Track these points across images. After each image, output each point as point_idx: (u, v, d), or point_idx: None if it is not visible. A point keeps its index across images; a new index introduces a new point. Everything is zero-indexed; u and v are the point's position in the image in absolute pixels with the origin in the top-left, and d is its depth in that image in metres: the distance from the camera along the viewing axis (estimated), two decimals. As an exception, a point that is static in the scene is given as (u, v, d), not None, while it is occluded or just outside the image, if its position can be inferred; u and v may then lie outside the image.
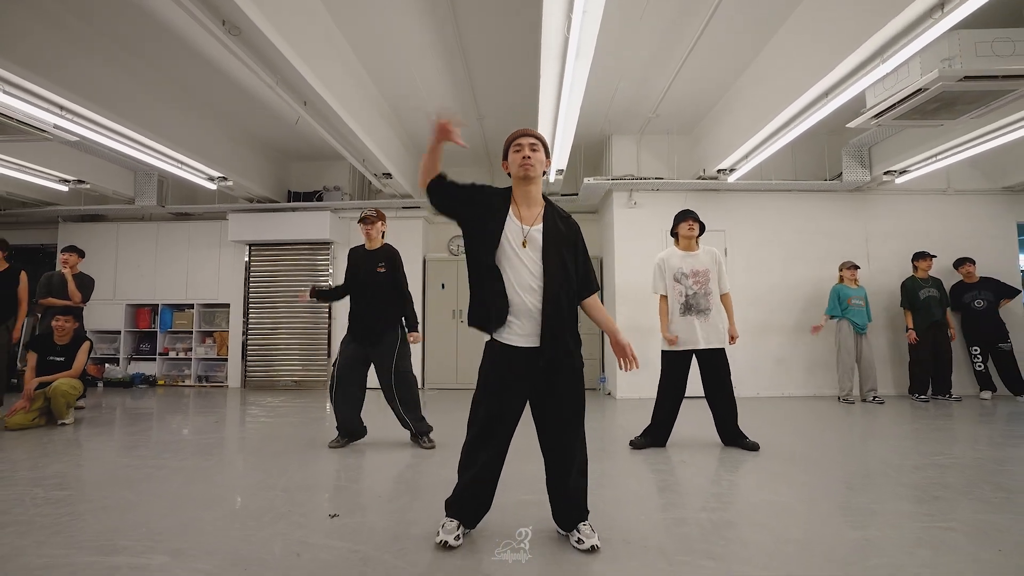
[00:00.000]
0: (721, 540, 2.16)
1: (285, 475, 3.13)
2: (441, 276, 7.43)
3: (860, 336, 5.92)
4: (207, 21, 2.88)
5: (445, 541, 2.03)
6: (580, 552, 2.02)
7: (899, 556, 1.99)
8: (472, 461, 2.14)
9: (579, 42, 3.09)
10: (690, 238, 3.84)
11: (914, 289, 6.06)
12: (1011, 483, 2.89)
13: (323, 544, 2.12)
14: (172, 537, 2.18)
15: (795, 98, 4.13)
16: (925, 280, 6.07)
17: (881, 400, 5.78)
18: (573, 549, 2.04)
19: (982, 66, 3.51)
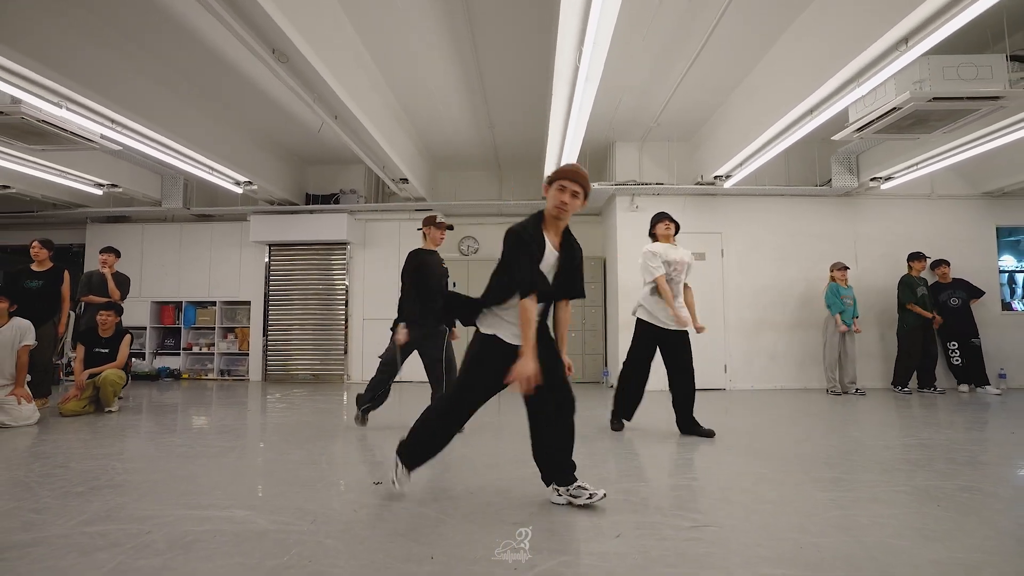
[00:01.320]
0: (707, 500, 2.56)
1: (325, 453, 3.53)
2: (452, 275, 7.79)
3: (848, 332, 6.32)
4: (260, 50, 3.26)
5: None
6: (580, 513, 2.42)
7: (855, 510, 2.39)
8: (447, 435, 2.51)
9: (588, 68, 3.48)
10: (667, 236, 4.22)
11: (914, 286, 6.46)
12: (963, 458, 3.30)
13: (376, 503, 2.52)
14: (244, 497, 2.58)
15: (783, 114, 4.52)
16: (919, 279, 6.48)
17: (863, 392, 6.19)
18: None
19: (949, 89, 3.91)
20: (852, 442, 3.81)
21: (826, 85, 3.96)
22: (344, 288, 7.84)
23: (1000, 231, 7.18)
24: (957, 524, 2.24)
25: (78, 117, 4.36)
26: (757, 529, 2.19)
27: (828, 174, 6.72)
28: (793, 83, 4.40)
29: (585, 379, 7.53)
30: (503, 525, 2.22)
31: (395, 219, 7.90)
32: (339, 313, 7.82)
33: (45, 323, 5.17)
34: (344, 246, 7.84)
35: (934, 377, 6.37)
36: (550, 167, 5.81)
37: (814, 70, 4.07)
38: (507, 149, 7.22)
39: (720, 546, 2.02)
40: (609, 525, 2.24)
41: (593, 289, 7.64)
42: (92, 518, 2.28)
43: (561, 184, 2.31)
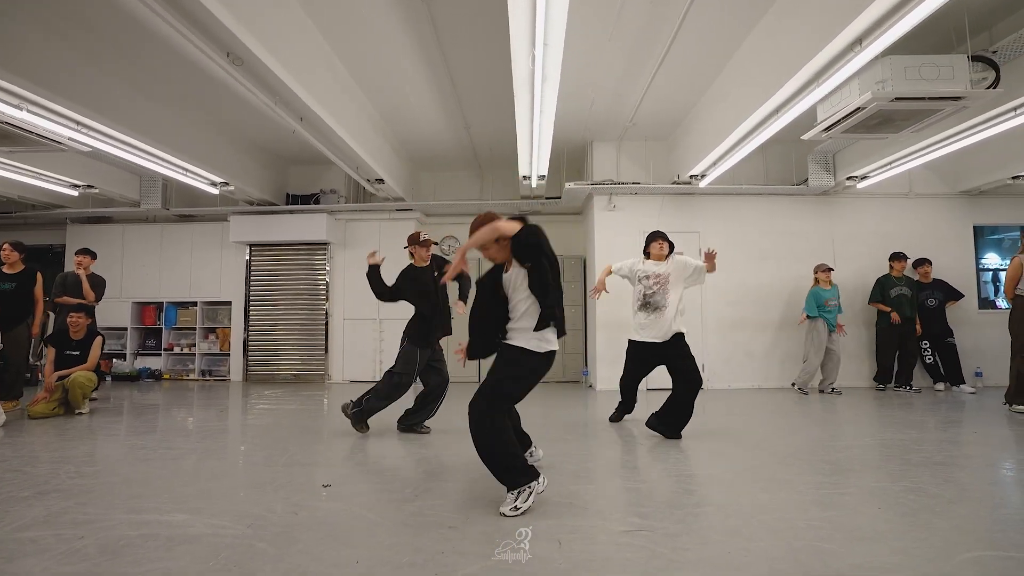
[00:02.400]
0: (651, 504, 2.57)
1: (286, 455, 3.54)
2: (432, 275, 7.81)
3: (832, 333, 6.33)
4: (213, 54, 3.26)
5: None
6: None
7: (792, 512, 2.40)
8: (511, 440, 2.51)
9: (544, 69, 3.48)
10: (660, 256, 4.26)
11: (887, 286, 6.50)
12: (917, 459, 3.31)
13: (318, 506, 2.53)
14: (190, 500, 2.59)
15: (752, 111, 4.52)
16: (899, 279, 6.50)
17: (839, 392, 6.20)
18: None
19: (910, 89, 3.90)
20: (812, 442, 3.83)
21: (789, 84, 3.96)
22: (325, 288, 7.83)
23: (983, 229, 7.20)
24: (891, 526, 2.26)
25: (41, 120, 4.34)
26: (690, 533, 2.20)
27: (805, 173, 6.72)
28: (760, 83, 4.39)
29: (565, 378, 7.54)
30: (438, 529, 2.23)
31: (375, 219, 7.90)
32: (320, 313, 7.82)
33: (19, 325, 5.18)
34: (324, 246, 7.84)
35: (911, 376, 6.39)
36: (524, 167, 5.81)
37: (778, 70, 4.07)
38: (485, 149, 7.21)
39: (645, 551, 2.03)
40: (547, 529, 2.24)
41: (573, 288, 7.65)
42: (29, 523, 2.28)
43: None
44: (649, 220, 6.87)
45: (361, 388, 7.02)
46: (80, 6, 3.85)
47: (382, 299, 4.37)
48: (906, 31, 3.12)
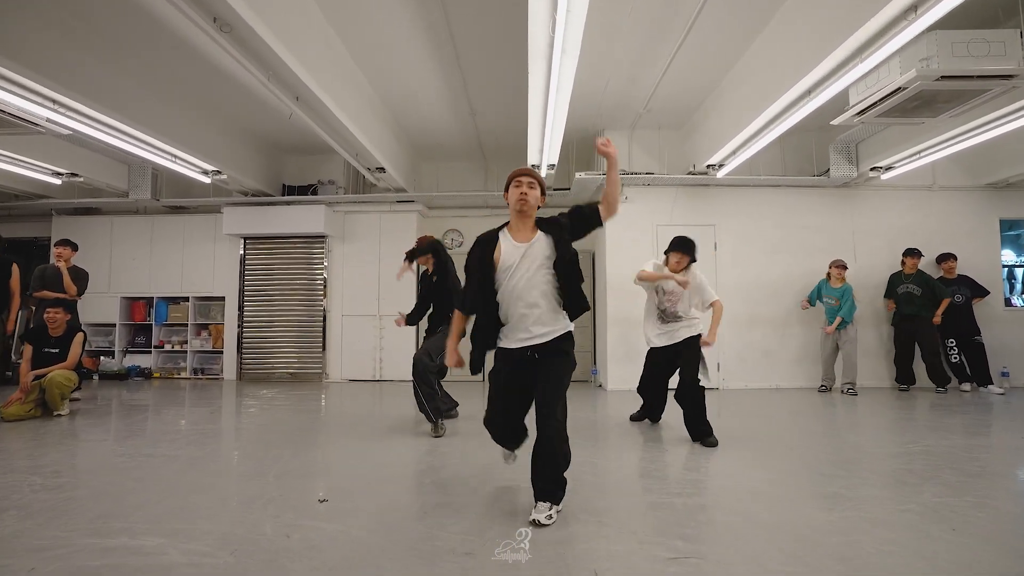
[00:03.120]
0: (692, 522, 2.26)
1: (278, 463, 3.22)
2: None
3: (841, 331, 6.02)
4: (198, 19, 2.93)
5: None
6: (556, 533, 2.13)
7: (857, 535, 2.09)
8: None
9: (564, 41, 3.16)
10: (677, 270, 3.96)
11: (894, 284, 6.22)
12: (972, 468, 3.01)
13: (312, 526, 2.22)
14: (167, 520, 2.27)
15: (779, 95, 4.21)
16: (908, 276, 6.19)
17: (855, 392, 5.90)
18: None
19: (958, 66, 3.60)
20: (851, 449, 3.53)
21: (825, 62, 3.64)
22: (322, 283, 7.51)
23: (1003, 224, 6.91)
24: (974, 553, 1.95)
25: (16, 99, 4.00)
26: (746, 561, 1.89)
27: (826, 164, 6.41)
28: (789, 63, 4.08)
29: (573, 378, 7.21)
30: (453, 557, 1.92)
31: (375, 211, 7.57)
32: (317, 309, 7.49)
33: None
34: (322, 239, 7.51)
35: (943, 375, 6.07)
36: (534, 154, 5.49)
37: (813, 47, 3.75)
38: (491, 138, 6.88)
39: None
40: (581, 555, 1.94)
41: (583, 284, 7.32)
42: (-24, 550, 1.96)
43: (516, 181, 2.43)
44: (662, 213, 6.57)
45: (360, 387, 6.75)
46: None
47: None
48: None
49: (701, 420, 3.74)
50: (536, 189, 2.41)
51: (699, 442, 3.68)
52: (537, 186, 2.43)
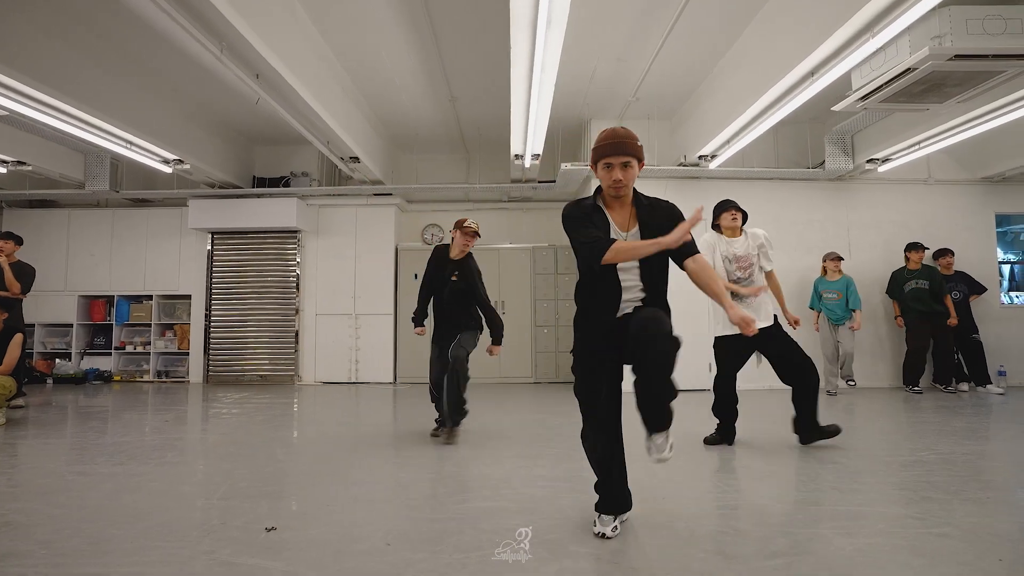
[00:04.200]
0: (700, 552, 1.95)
1: (228, 482, 2.85)
2: (414, 266, 7.13)
3: (837, 327, 5.81)
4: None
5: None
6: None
7: (893, 568, 1.80)
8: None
9: (550, 9, 2.84)
10: (734, 228, 3.65)
11: (899, 281, 5.98)
12: (998, 480, 2.75)
13: (251, 565, 1.86)
14: (74, 561, 1.89)
15: (780, 78, 3.95)
16: (914, 271, 5.96)
17: (854, 383, 5.69)
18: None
19: (973, 44, 3.36)
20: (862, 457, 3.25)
21: (832, 38, 3.38)
22: (295, 280, 7.11)
23: (999, 219, 6.76)
24: (1030, 590, 1.67)
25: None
26: (767, 606, 1.58)
27: (820, 156, 6.18)
28: (790, 43, 3.81)
29: (560, 379, 6.91)
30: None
31: (351, 204, 7.19)
32: (290, 308, 7.09)
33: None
34: (295, 234, 7.11)
35: (950, 375, 5.87)
36: (517, 143, 5.17)
37: (817, 24, 3.48)
38: (472, 127, 6.55)
39: None
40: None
41: (567, 281, 7.02)
42: None
43: (605, 162, 2.02)
44: (652, 206, 6.29)
45: (334, 390, 6.38)
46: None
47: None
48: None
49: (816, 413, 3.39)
50: (633, 167, 2.02)
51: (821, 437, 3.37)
52: (635, 163, 2.03)
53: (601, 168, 2.05)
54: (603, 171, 2.04)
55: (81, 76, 4.37)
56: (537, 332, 6.99)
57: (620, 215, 2.09)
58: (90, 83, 4.47)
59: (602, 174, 2.05)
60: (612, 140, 2.01)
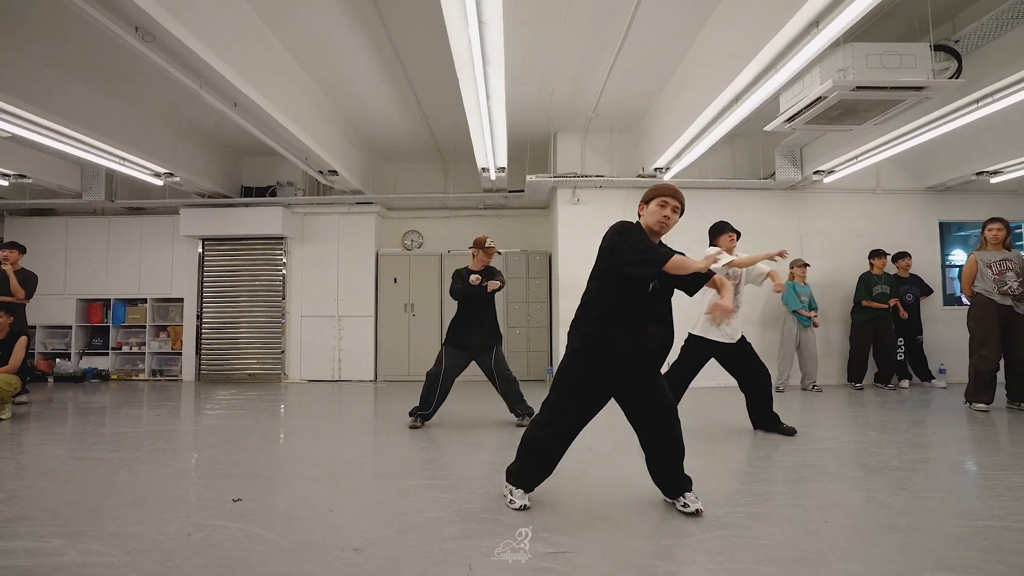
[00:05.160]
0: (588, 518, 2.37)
1: (207, 464, 3.28)
2: (394, 271, 7.55)
3: (805, 330, 6.22)
4: (118, 30, 2.96)
5: None
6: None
7: (736, 528, 2.22)
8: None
9: (485, 51, 3.25)
10: (731, 249, 4.03)
11: (869, 284, 6.35)
12: (875, 463, 3.18)
13: (218, 525, 2.29)
14: (75, 522, 2.32)
15: (710, 102, 4.35)
16: (879, 276, 6.37)
17: (820, 389, 6.12)
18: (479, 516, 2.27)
19: (872, 77, 3.76)
20: (767, 445, 3.67)
21: (747, 70, 3.78)
22: (282, 284, 7.52)
23: (951, 226, 7.18)
24: (835, 543, 2.09)
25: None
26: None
27: (772, 167, 6.60)
28: (719, 69, 4.22)
29: (529, 377, 7.33)
30: (341, 553, 2.01)
31: (334, 213, 7.60)
32: (276, 311, 7.50)
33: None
34: (281, 240, 7.52)
35: (892, 373, 6.30)
36: (480, 158, 5.58)
37: (737, 55, 3.89)
38: (447, 139, 6.95)
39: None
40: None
41: (538, 285, 7.44)
42: None
43: (662, 200, 2.34)
44: (614, 215, 6.60)
45: (320, 388, 6.80)
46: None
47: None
48: (863, 12, 2.96)
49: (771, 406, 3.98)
50: (678, 213, 2.36)
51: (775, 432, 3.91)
52: (680, 211, 2.37)
53: (656, 204, 2.35)
54: (656, 206, 2.34)
55: (78, 100, 4.77)
56: (510, 333, 7.39)
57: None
58: (87, 107, 4.87)
59: (654, 208, 2.35)
60: (672, 187, 2.39)
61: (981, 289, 4.90)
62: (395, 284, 7.53)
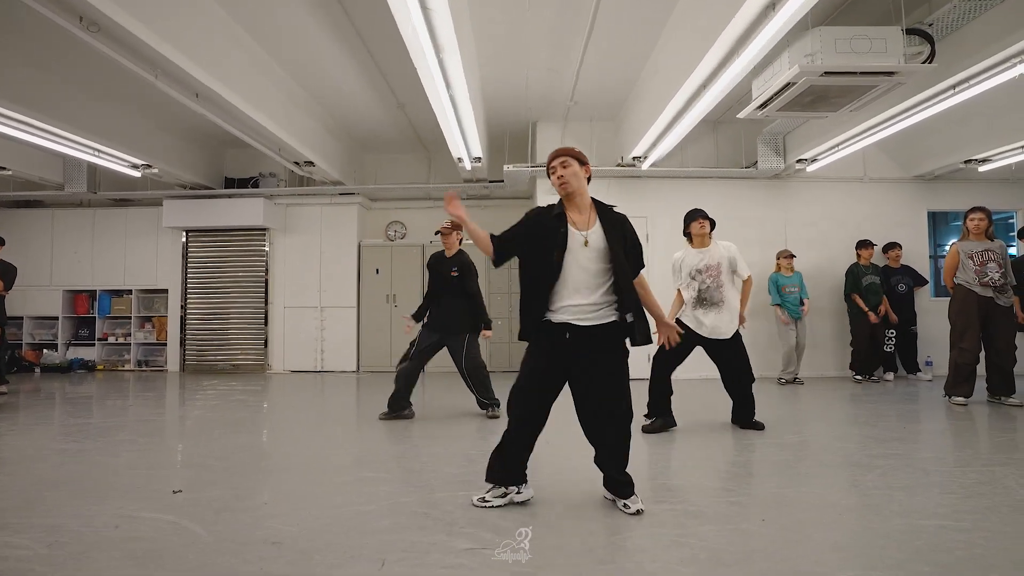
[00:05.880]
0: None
1: (163, 454, 3.28)
2: (376, 261, 7.52)
3: (796, 321, 6.13)
4: (61, 20, 2.93)
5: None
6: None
7: (667, 526, 2.19)
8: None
9: (436, 38, 3.19)
10: (703, 235, 3.90)
11: (858, 276, 6.22)
12: (834, 459, 3.12)
13: (148, 518, 2.28)
14: (8, 513, 2.32)
15: (679, 88, 4.26)
16: (867, 267, 6.24)
17: (801, 382, 6.05)
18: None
19: (841, 62, 3.66)
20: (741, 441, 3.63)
21: (710, 55, 3.69)
22: (264, 275, 7.52)
23: (946, 216, 7.06)
24: (764, 543, 2.05)
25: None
26: (537, 548, 1.97)
27: (755, 156, 6.49)
28: (686, 55, 4.13)
29: (511, 368, 7.30)
30: (258, 547, 2.00)
31: (317, 204, 7.57)
32: (259, 301, 7.51)
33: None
34: (263, 232, 7.51)
35: (878, 365, 6.23)
36: (454, 148, 5.53)
37: (701, 39, 3.80)
38: (427, 130, 6.86)
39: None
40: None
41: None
42: None
43: (551, 167, 2.40)
44: (597, 205, 6.62)
45: (302, 378, 6.81)
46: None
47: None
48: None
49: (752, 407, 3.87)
50: (571, 166, 2.35)
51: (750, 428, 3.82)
52: (572, 160, 2.37)
53: (551, 176, 2.41)
54: (552, 178, 2.40)
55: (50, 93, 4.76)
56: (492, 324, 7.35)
57: (580, 217, 2.39)
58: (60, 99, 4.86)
59: (552, 180, 2.41)
60: (554, 152, 2.42)
61: (962, 280, 4.79)
62: (377, 275, 7.51)
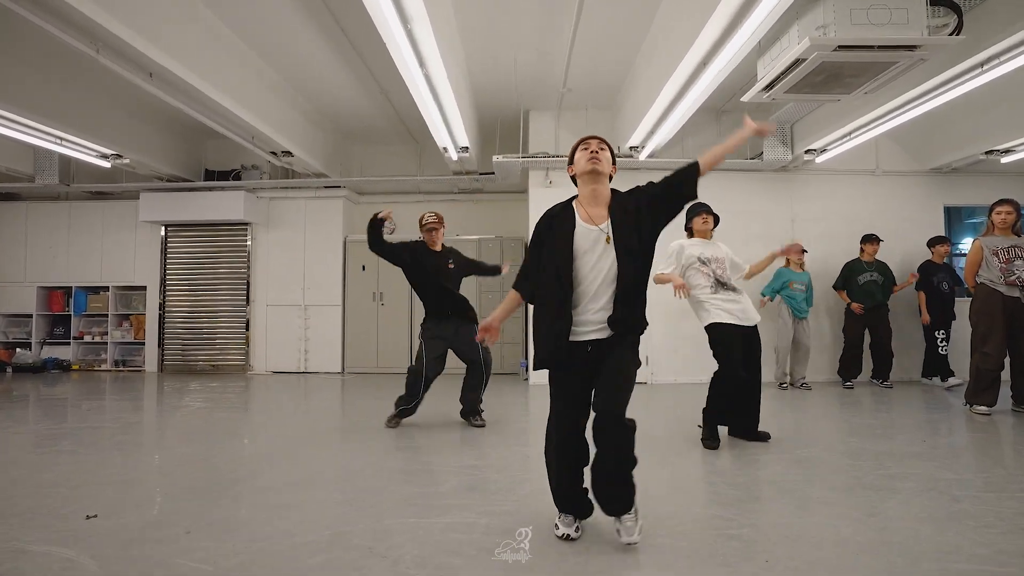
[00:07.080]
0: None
1: (99, 468, 2.95)
2: (362, 258, 7.18)
3: (800, 321, 5.75)
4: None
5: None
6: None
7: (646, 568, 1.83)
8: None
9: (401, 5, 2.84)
10: (705, 231, 3.73)
11: (854, 272, 5.83)
12: (846, 481, 2.75)
13: (39, 552, 1.94)
14: None
15: (675, 68, 3.90)
16: (869, 264, 5.83)
17: (808, 387, 5.66)
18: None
19: (857, 35, 3.29)
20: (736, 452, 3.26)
21: (709, 27, 3.33)
22: (246, 272, 7.20)
23: (960, 212, 6.63)
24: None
25: None
26: None
27: (761, 146, 6.10)
28: (682, 32, 3.76)
29: (503, 370, 6.95)
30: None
31: (301, 197, 7.24)
32: (241, 299, 7.19)
33: None
34: (245, 226, 7.19)
35: (888, 370, 5.77)
36: (438, 137, 5.18)
37: (699, 11, 3.44)
38: (415, 120, 6.49)
39: None
40: None
41: (512, 273, 7.01)
42: None
43: (586, 142, 2.17)
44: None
45: (284, 379, 6.50)
46: None
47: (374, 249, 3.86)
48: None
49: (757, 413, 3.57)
50: (606, 149, 2.15)
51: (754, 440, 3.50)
52: (606, 146, 2.17)
53: (579, 152, 2.15)
54: (581, 153, 2.14)
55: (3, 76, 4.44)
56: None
57: (596, 211, 2.11)
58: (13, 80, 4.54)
59: (580, 155, 2.14)
60: (590, 135, 2.20)
61: (985, 279, 4.39)
62: (363, 272, 7.17)
